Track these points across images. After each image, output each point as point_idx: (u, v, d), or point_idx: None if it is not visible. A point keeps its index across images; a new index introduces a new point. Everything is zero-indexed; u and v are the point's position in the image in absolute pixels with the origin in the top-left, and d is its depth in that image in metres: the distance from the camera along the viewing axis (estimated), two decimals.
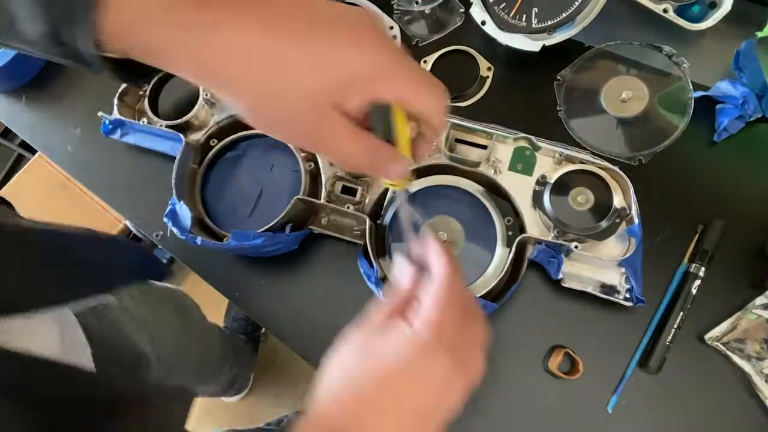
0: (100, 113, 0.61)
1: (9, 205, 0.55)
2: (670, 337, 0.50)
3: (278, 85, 0.27)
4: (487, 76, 0.62)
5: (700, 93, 0.55)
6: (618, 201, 0.50)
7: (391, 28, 0.66)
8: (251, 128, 0.59)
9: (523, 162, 0.53)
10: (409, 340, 0.32)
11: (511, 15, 0.57)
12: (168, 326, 0.75)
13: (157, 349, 0.65)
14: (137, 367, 0.60)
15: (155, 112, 0.61)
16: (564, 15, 0.54)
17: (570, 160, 0.53)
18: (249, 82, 0.27)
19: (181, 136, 0.57)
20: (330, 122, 0.29)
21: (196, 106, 0.59)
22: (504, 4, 0.57)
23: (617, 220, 0.50)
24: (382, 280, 0.52)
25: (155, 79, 0.61)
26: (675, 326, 0.50)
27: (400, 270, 0.36)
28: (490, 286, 0.50)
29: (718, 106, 0.55)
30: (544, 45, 0.57)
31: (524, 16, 0.56)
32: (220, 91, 0.29)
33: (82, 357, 0.49)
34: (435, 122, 0.32)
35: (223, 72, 0.27)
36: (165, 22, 0.26)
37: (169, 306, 0.79)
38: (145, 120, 0.60)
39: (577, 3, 0.53)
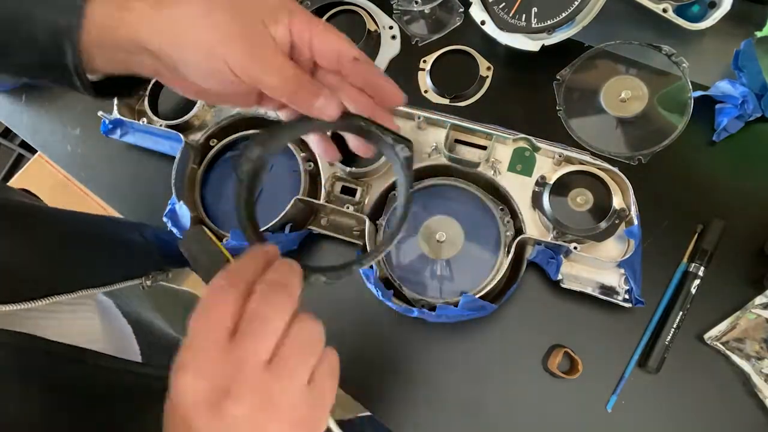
0: (100, 113, 0.61)
1: (35, 196, 0.56)
2: (669, 337, 0.50)
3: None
4: (487, 76, 0.62)
5: (699, 93, 0.54)
6: (617, 202, 0.50)
7: (391, 27, 0.66)
8: (251, 128, 0.59)
9: (522, 163, 0.53)
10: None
11: (510, 15, 0.57)
12: (178, 325, 0.75)
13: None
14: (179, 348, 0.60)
15: (155, 112, 0.61)
16: (563, 15, 0.54)
17: (569, 161, 0.53)
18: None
19: (181, 136, 0.57)
20: (264, 38, 0.31)
21: (196, 106, 0.59)
22: (503, 4, 0.57)
23: (616, 221, 0.50)
24: (382, 280, 0.52)
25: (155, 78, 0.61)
26: (674, 326, 0.50)
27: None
28: (489, 287, 0.50)
29: (717, 106, 0.55)
30: (543, 45, 0.57)
31: (524, 15, 0.56)
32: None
33: (130, 348, 0.50)
34: (354, 54, 0.33)
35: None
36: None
37: (178, 306, 0.79)
38: (145, 120, 0.60)
39: (576, 3, 0.53)
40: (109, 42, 0.31)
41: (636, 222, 0.49)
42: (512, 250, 0.50)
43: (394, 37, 0.66)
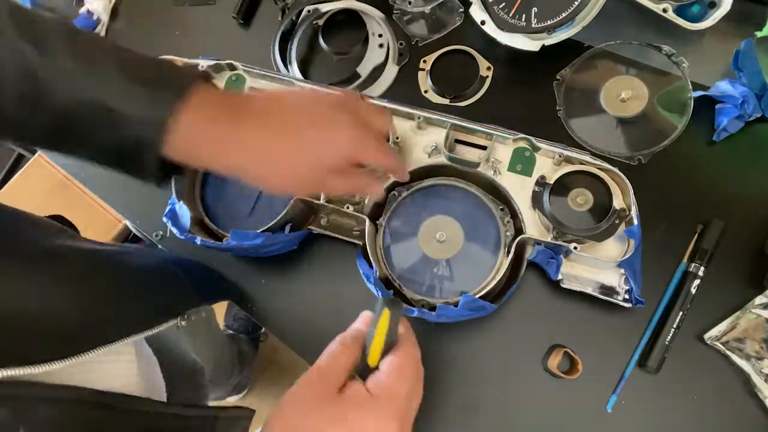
0: None
1: (74, 227, 0.55)
2: (669, 337, 0.50)
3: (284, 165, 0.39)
4: (487, 76, 0.62)
5: (699, 93, 0.55)
6: (617, 202, 0.50)
7: (380, 35, 0.66)
8: None
9: (522, 163, 0.53)
10: (367, 406, 0.35)
11: (510, 15, 0.57)
12: (201, 336, 0.76)
13: (201, 358, 0.66)
14: (195, 375, 0.62)
15: None
16: (563, 15, 0.54)
17: (569, 160, 0.53)
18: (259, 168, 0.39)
19: None
20: (324, 179, 0.40)
21: None
22: (503, 4, 0.57)
23: (616, 221, 0.50)
24: (382, 280, 0.52)
25: None
26: (674, 326, 0.50)
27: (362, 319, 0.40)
28: (489, 287, 0.50)
29: (717, 106, 0.55)
30: (543, 45, 0.57)
31: (524, 15, 0.56)
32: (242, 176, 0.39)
33: (156, 378, 0.51)
34: (399, 175, 0.48)
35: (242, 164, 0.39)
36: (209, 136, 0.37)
37: (198, 315, 0.80)
38: None
39: (576, 3, 0.53)
40: (188, 156, 0.38)
41: (636, 222, 0.49)
42: (512, 250, 0.50)
43: (380, 45, 0.65)
